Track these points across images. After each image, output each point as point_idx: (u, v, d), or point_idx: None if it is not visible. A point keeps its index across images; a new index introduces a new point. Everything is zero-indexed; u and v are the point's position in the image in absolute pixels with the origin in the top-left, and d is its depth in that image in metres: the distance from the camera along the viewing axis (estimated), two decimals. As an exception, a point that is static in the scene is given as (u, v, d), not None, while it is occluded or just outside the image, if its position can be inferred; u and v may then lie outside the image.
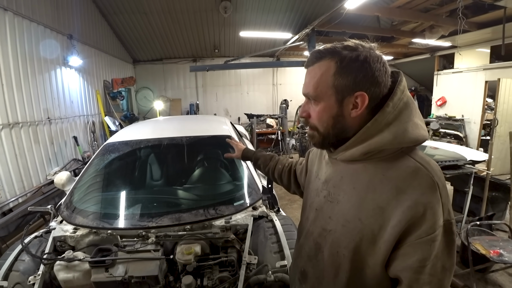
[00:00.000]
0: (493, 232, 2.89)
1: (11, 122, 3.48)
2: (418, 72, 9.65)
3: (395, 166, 0.71)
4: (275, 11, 7.13)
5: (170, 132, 2.45)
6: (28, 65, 3.87)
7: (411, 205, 0.65)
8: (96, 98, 6.23)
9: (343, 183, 0.80)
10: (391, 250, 0.68)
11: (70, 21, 5.13)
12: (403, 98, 0.73)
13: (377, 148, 0.71)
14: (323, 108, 0.76)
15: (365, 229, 0.71)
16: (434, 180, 0.66)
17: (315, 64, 0.76)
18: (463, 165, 3.01)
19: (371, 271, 0.73)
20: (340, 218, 0.78)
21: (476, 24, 5.60)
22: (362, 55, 0.71)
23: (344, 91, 0.72)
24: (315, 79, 0.75)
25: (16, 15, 3.64)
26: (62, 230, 1.62)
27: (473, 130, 6.96)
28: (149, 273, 1.34)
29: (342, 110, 0.74)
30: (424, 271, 0.66)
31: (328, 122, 0.76)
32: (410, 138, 0.71)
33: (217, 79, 9.87)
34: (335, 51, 0.73)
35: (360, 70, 0.70)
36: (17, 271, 1.37)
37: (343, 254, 0.76)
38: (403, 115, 0.72)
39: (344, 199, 0.78)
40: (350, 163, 0.79)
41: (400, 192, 0.67)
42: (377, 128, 0.71)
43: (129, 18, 7.03)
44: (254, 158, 1.43)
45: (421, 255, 0.65)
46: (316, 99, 0.76)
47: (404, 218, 0.65)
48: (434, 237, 0.64)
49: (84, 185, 2.06)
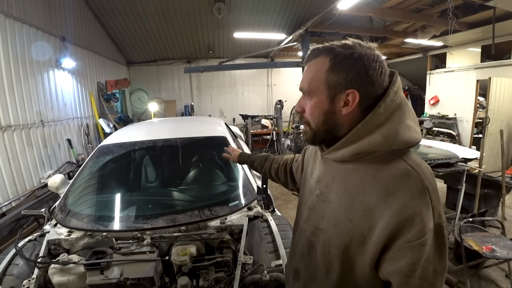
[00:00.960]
0: (486, 228, 2.94)
1: (3, 125, 3.44)
2: (411, 71, 9.76)
3: (386, 168, 0.70)
4: (269, 12, 7.17)
5: (164, 134, 2.45)
6: (20, 67, 3.83)
7: (400, 208, 0.64)
8: (90, 100, 6.18)
9: (334, 183, 0.80)
10: (379, 252, 0.68)
11: (62, 23, 5.09)
12: (396, 100, 0.72)
13: (367, 149, 0.71)
14: (315, 103, 0.77)
15: (355, 229, 0.71)
16: (424, 184, 0.66)
17: (312, 60, 0.78)
18: (455, 163, 3.06)
19: (361, 270, 0.73)
20: (331, 218, 0.78)
21: (466, 24, 5.69)
22: (357, 53, 0.71)
23: (336, 87, 0.72)
24: (310, 74, 0.77)
25: (8, 17, 3.60)
26: (56, 233, 1.61)
27: (466, 128, 7.07)
28: (144, 275, 1.34)
29: (333, 106, 0.74)
30: (414, 275, 0.65)
31: (320, 118, 0.77)
32: (402, 140, 0.70)
33: (211, 80, 9.86)
34: (331, 48, 0.74)
35: (353, 67, 0.70)
36: (11, 275, 1.36)
37: (334, 253, 0.77)
38: (395, 117, 0.71)
39: (335, 199, 0.79)
40: (341, 163, 0.79)
41: (389, 194, 0.67)
42: (367, 129, 0.71)
43: (123, 20, 7.00)
44: (250, 161, 1.45)
45: (410, 259, 0.65)
46: (310, 94, 0.78)
47: (392, 221, 0.65)
48: (423, 241, 0.64)
49: (78, 188, 2.05)
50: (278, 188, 5.48)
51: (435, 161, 2.95)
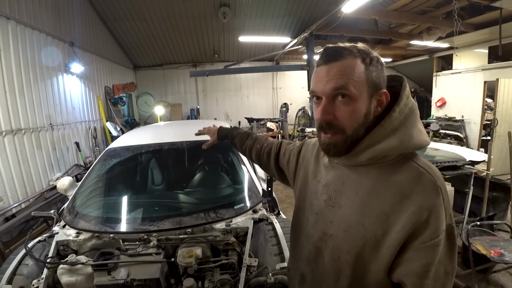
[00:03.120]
0: (495, 232, 2.89)
1: (14, 129, 3.52)
2: (417, 73, 9.70)
3: (398, 171, 0.70)
4: (273, 16, 7.21)
5: (170, 137, 2.47)
6: (30, 72, 3.92)
7: (415, 210, 0.65)
8: (98, 104, 6.29)
9: (345, 188, 0.79)
10: (395, 255, 0.68)
11: (71, 29, 5.21)
12: (408, 104, 0.73)
13: (383, 153, 0.71)
14: (358, 106, 0.71)
15: (368, 234, 0.71)
16: (437, 185, 0.67)
17: (339, 60, 0.70)
18: (462, 165, 3.02)
19: (374, 276, 0.72)
20: (342, 223, 0.77)
21: (473, 25, 5.65)
22: (377, 56, 0.73)
23: (374, 88, 0.72)
24: (350, 74, 0.69)
25: (19, 23, 3.70)
26: (65, 235, 1.64)
27: (474, 130, 6.98)
28: (150, 276, 1.35)
29: (370, 107, 0.72)
30: (428, 276, 0.65)
31: (359, 122, 0.72)
32: (415, 144, 0.71)
33: (217, 83, 9.94)
34: (355, 50, 0.71)
35: (380, 70, 0.73)
36: (21, 275, 1.39)
37: (345, 259, 0.75)
38: (409, 121, 0.72)
39: (346, 204, 0.77)
40: (352, 168, 0.78)
41: (404, 197, 0.67)
42: (383, 133, 0.71)
43: (130, 25, 7.13)
44: (230, 137, 1.39)
45: (425, 260, 0.65)
46: (352, 95, 0.70)
47: (408, 223, 0.65)
48: (437, 242, 0.64)
49: (86, 190, 2.09)
50: (284, 191, 5.48)
51: (442, 163, 2.92)
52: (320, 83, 0.72)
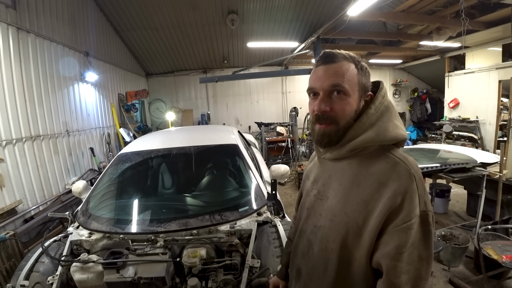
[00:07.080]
0: (510, 237, 2.80)
1: (33, 135, 3.71)
2: (429, 74, 9.50)
3: (377, 162, 0.78)
4: (281, 21, 7.28)
5: (179, 142, 2.55)
6: (48, 82, 4.13)
7: (390, 195, 0.71)
8: (111, 111, 6.51)
9: (331, 180, 0.87)
10: (374, 240, 0.73)
11: (86, 39, 5.45)
12: (384, 102, 0.84)
13: (362, 144, 0.80)
14: (351, 101, 0.81)
15: (350, 222, 0.76)
16: (411, 172, 0.73)
17: (336, 63, 0.81)
18: (472, 168, 2.95)
19: (358, 264, 0.76)
20: (328, 214, 0.83)
21: (484, 23, 5.51)
22: (365, 65, 0.85)
23: (363, 89, 0.83)
24: (345, 74, 0.80)
25: (38, 36, 3.92)
26: (78, 235, 1.74)
27: (489, 131, 6.76)
28: (156, 275, 1.42)
29: (359, 105, 0.83)
30: (401, 258, 0.69)
31: (351, 115, 0.82)
32: (391, 136, 0.80)
33: (227, 89, 10.06)
34: (348, 56, 0.83)
35: (368, 76, 0.85)
36: (38, 272, 1.50)
37: (331, 248, 0.80)
38: (385, 117, 0.82)
39: (332, 195, 0.84)
40: (337, 161, 0.86)
41: (381, 185, 0.74)
42: (362, 127, 0.80)
43: (141, 34, 7.37)
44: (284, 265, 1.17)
45: (397, 242, 0.69)
46: (346, 92, 0.80)
47: (384, 208, 0.71)
48: (410, 225, 0.69)
49: (99, 193, 2.19)
50: (293, 195, 5.48)
51: (450, 166, 2.87)
52: (319, 81, 0.82)
